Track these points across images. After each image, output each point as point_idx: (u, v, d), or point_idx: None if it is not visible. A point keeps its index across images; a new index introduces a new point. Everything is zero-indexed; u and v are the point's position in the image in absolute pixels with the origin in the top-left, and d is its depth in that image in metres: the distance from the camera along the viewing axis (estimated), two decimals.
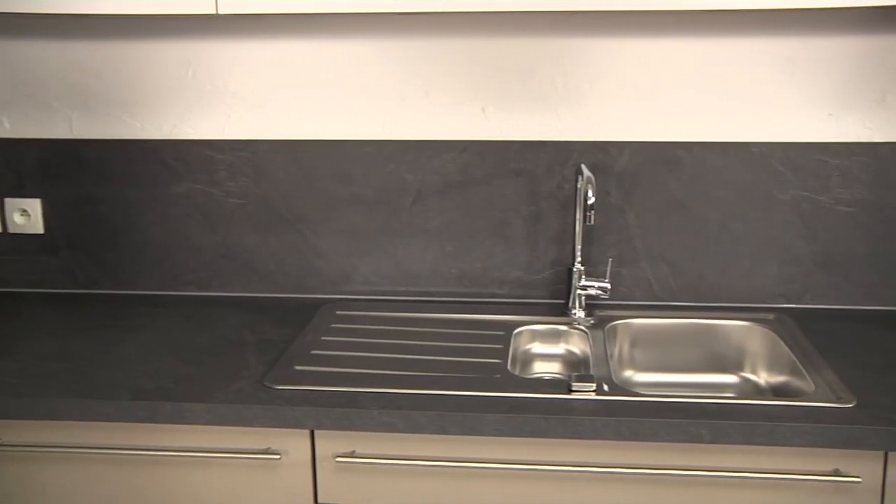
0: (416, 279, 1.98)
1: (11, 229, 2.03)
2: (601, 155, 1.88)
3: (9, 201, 2.01)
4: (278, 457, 1.47)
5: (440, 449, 1.45)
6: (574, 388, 1.48)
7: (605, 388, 1.50)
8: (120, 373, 1.57)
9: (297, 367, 1.58)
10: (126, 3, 1.61)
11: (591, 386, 1.48)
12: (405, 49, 1.88)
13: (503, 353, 1.66)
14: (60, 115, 1.98)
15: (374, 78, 1.91)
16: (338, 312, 1.89)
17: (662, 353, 1.83)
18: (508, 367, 1.61)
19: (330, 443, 1.47)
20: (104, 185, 2.00)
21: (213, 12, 1.59)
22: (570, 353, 1.82)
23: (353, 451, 1.47)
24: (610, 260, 1.90)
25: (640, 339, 1.83)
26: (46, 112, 1.99)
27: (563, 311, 1.87)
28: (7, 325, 1.83)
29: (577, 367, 1.79)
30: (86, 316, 1.89)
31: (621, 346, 1.83)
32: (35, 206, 2.01)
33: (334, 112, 1.93)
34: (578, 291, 1.85)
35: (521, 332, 1.80)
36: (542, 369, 1.82)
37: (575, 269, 1.84)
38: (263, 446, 1.48)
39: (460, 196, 1.93)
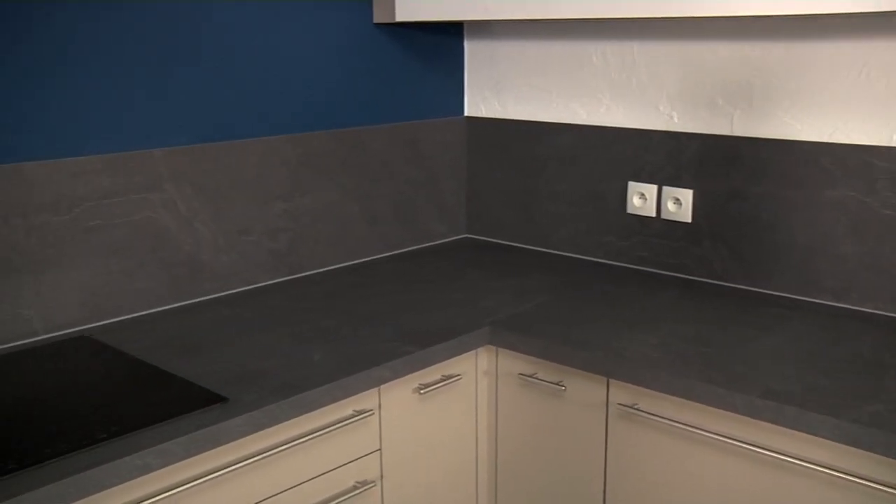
0: None
1: (664, 215, 2.20)
2: None
3: (665, 189, 2.18)
4: None
5: None
6: None
7: None
8: (750, 368, 1.60)
9: None
10: (806, 3, 1.61)
11: None
12: None
13: None
14: (723, 113, 2.07)
15: None
16: None
17: None
18: None
19: None
20: (754, 182, 2.04)
21: None
22: None
23: None
24: None
25: None
26: (710, 109, 2.09)
27: None
28: (650, 302, 1.99)
29: None
30: (720, 307, 1.96)
31: None
32: (687, 196, 2.15)
33: None
34: None
35: None
36: None
37: None
38: None
39: None
